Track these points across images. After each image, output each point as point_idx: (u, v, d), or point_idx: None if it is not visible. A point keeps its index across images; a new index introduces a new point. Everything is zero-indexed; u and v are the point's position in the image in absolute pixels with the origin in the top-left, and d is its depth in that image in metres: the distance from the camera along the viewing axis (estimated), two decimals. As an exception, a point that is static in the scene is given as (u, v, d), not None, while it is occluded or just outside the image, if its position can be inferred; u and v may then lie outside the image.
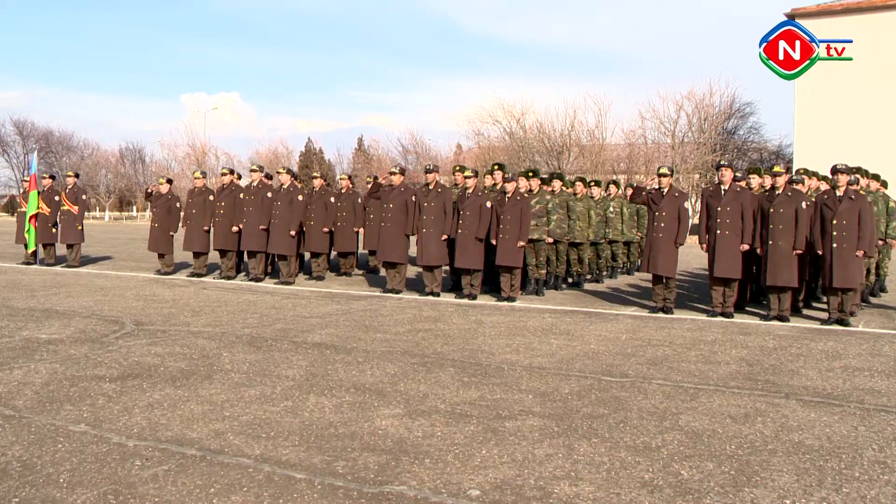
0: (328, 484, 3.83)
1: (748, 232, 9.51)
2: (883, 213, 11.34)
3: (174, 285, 12.28)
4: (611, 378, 6.17)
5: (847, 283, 9.06)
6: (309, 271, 14.01)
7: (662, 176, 9.94)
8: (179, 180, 45.26)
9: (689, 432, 4.75)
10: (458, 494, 3.73)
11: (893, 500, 3.75)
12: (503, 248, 10.52)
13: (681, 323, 9.18)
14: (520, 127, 44.96)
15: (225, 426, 4.73)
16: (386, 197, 11.54)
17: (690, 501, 3.68)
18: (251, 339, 7.61)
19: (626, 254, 14.91)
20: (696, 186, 37.85)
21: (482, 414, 5.09)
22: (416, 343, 7.54)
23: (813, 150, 28.08)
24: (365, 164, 53.34)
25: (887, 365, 6.87)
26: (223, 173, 13.89)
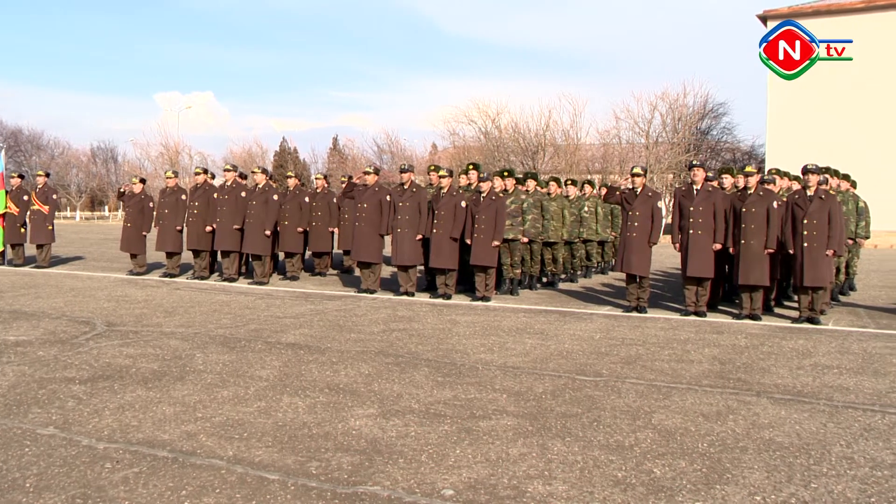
0: (301, 485, 3.81)
1: (720, 231, 9.59)
2: (852, 212, 11.50)
3: (147, 286, 12.17)
4: (585, 377, 6.19)
5: (817, 282, 9.17)
6: (283, 271, 13.94)
7: (636, 176, 10.00)
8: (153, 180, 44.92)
9: (662, 431, 4.78)
10: (432, 494, 3.73)
11: (859, 494, 3.80)
12: (478, 247, 10.54)
13: (654, 322, 9.24)
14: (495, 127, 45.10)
15: (197, 427, 4.69)
16: (360, 197, 11.51)
17: (663, 499, 3.71)
18: (224, 340, 7.56)
19: (601, 253, 14.98)
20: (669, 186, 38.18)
21: (456, 413, 5.09)
22: (391, 343, 7.53)
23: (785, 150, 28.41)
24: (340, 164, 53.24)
25: (855, 362, 6.96)
26: (196, 173, 13.79)
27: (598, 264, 15.09)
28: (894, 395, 5.77)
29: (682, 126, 41.91)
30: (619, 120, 42.78)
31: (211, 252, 13.25)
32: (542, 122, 43.33)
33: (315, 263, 14.45)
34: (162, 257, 14.27)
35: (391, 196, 11.30)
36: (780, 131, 31.01)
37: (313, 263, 14.53)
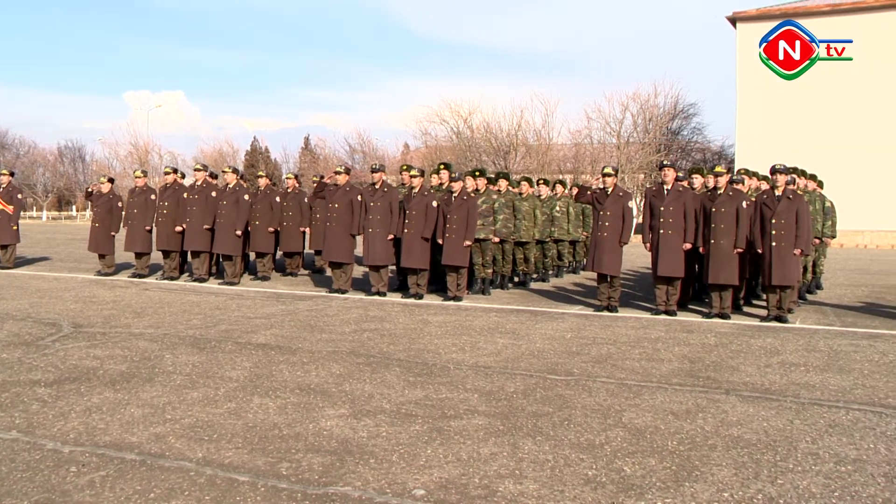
0: (272, 486, 3.78)
1: (690, 231, 9.68)
2: (819, 212, 11.65)
3: (115, 286, 12.02)
4: (556, 376, 6.22)
5: (785, 281, 9.28)
6: (254, 271, 13.85)
7: (607, 176, 10.05)
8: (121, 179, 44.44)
9: (632, 429, 4.81)
10: (403, 494, 3.72)
11: (823, 489, 3.86)
12: (449, 247, 10.54)
13: (625, 321, 9.30)
14: (467, 127, 45.16)
15: (166, 429, 4.64)
16: (331, 197, 11.46)
17: (633, 497, 3.73)
18: (194, 341, 7.49)
19: (572, 253, 15.06)
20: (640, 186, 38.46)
21: (427, 413, 5.08)
22: (362, 343, 7.51)
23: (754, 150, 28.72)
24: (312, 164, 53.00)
25: (821, 360, 7.06)
26: (166, 172, 13.66)
27: (570, 264, 15.17)
28: (858, 392, 5.86)
29: (652, 126, 42.24)
30: (591, 120, 43.09)
31: (181, 252, 13.12)
32: (514, 122, 43.51)
33: (286, 263, 14.37)
34: (131, 258, 14.11)
35: (362, 196, 11.26)
36: (749, 132, 31.34)
37: (284, 263, 14.45)
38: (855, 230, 28.32)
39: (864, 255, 24.11)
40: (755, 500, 3.71)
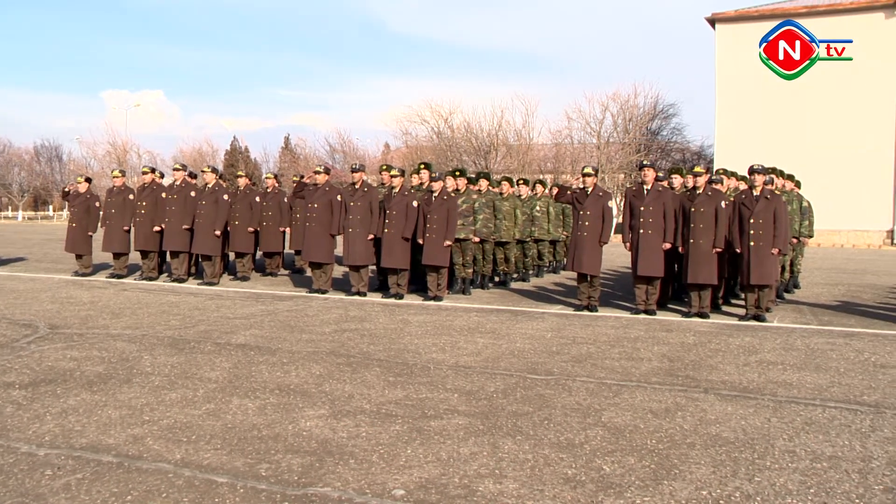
0: (251, 487, 3.76)
1: (670, 231, 9.72)
2: (797, 212, 11.75)
3: (92, 287, 11.92)
4: (536, 376, 6.23)
5: (763, 280, 9.35)
6: (234, 272, 13.78)
7: (587, 176, 10.08)
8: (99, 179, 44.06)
9: (612, 428, 4.83)
10: (383, 494, 3.71)
11: (800, 486, 3.89)
12: (430, 247, 10.53)
13: (605, 321, 9.34)
14: (447, 127, 45.16)
15: (144, 431, 4.60)
16: (311, 196, 11.42)
17: (612, 496, 3.74)
18: (173, 342, 7.44)
19: (552, 252, 15.09)
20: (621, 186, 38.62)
21: (407, 413, 5.08)
22: (342, 343, 7.49)
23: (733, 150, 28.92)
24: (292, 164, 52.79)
25: (799, 358, 7.12)
26: (144, 172, 13.57)
27: (550, 263, 15.20)
28: (834, 390, 5.92)
29: (632, 126, 42.45)
30: (571, 120, 43.22)
31: (159, 252, 13.03)
32: (494, 121, 43.56)
33: (266, 264, 14.31)
34: (108, 258, 13.99)
35: (342, 196, 11.23)
36: (728, 132, 31.56)
37: (264, 264, 14.39)
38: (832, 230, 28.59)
39: (841, 255, 24.36)
40: (733, 497, 3.74)
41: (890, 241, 29.36)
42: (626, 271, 14.71)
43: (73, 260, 13.83)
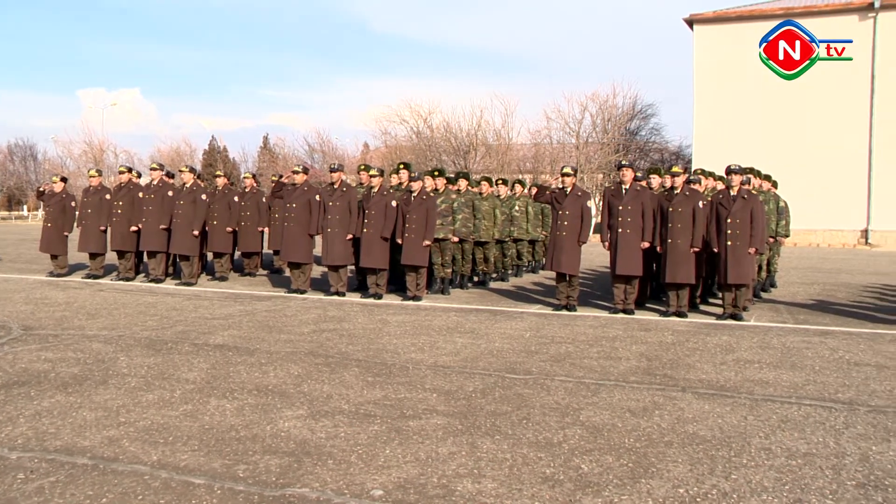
0: (228, 488, 3.74)
1: (648, 230, 9.77)
2: (773, 212, 11.85)
3: (68, 287, 11.80)
4: (514, 375, 6.24)
5: (740, 280, 9.43)
6: (212, 272, 13.69)
7: (566, 175, 10.11)
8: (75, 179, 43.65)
9: (590, 427, 4.85)
10: (361, 495, 3.71)
11: (775, 483, 3.93)
12: (409, 247, 10.52)
13: (583, 320, 9.37)
14: (427, 126, 45.12)
15: (120, 433, 4.56)
16: (289, 196, 11.38)
17: (590, 494, 3.76)
18: (150, 342, 7.38)
19: (531, 252, 15.12)
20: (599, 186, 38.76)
21: (386, 413, 5.07)
22: (321, 343, 7.46)
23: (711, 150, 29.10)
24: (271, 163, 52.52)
25: (775, 357, 7.18)
26: (121, 171, 13.48)
27: (529, 263, 15.23)
28: (810, 388, 5.98)
29: (611, 126, 42.63)
30: (550, 120, 43.31)
31: (136, 253, 12.93)
32: (473, 121, 43.57)
33: (244, 264, 14.23)
34: (84, 258, 13.86)
35: (321, 195, 11.20)
36: (705, 132, 31.77)
37: (242, 264, 14.31)
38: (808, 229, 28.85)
39: (817, 254, 24.59)
40: (710, 495, 3.77)
41: (864, 240, 29.70)
42: (604, 271, 14.77)
43: (48, 260, 13.68)
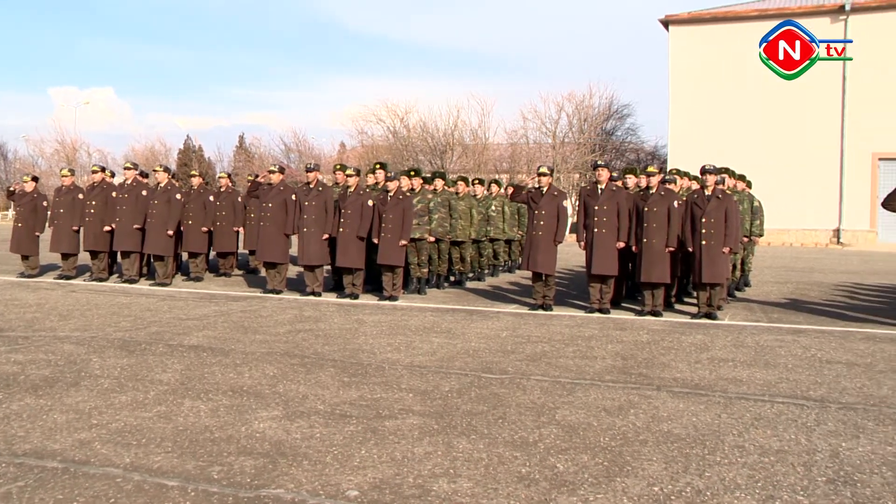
0: (202, 490, 3.71)
1: (624, 230, 9.82)
2: (747, 211, 11.96)
3: (39, 288, 11.65)
4: (490, 375, 6.24)
5: (715, 279, 9.50)
6: (186, 272, 13.59)
7: (542, 175, 10.14)
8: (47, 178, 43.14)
9: (566, 426, 4.86)
10: (336, 496, 3.69)
11: (748, 480, 3.96)
12: (385, 246, 10.50)
13: (559, 319, 9.40)
14: (403, 126, 45.08)
15: (92, 435, 4.51)
16: (265, 196, 11.32)
17: (565, 493, 3.77)
18: (123, 343, 7.30)
19: (508, 252, 15.16)
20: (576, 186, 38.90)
21: (362, 414, 5.05)
22: (297, 344, 7.43)
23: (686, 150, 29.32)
24: (246, 163, 52.22)
25: (749, 355, 7.24)
26: (94, 171, 13.34)
27: (505, 263, 15.26)
28: (783, 385, 6.03)
29: (587, 127, 42.83)
30: (527, 120, 43.42)
31: (110, 253, 12.81)
32: (450, 121, 43.59)
33: (220, 264, 14.14)
34: (56, 259, 13.70)
35: (297, 195, 11.15)
36: (681, 132, 32.01)
37: (218, 264, 14.22)
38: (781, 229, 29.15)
39: (790, 254, 24.85)
40: (684, 493, 3.79)
41: (836, 239, 30.07)
42: (580, 270, 14.83)
43: (19, 261, 13.50)
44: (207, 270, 13.93)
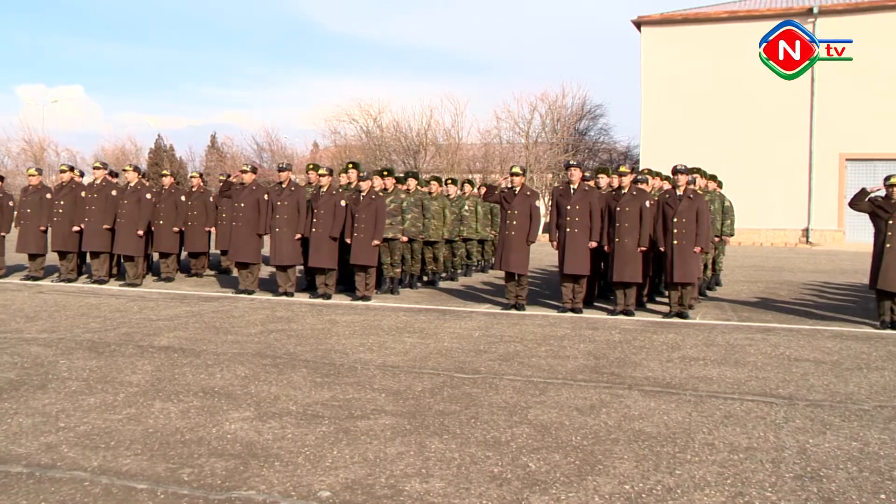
0: (172, 493, 3.68)
1: (596, 230, 9.87)
2: (718, 211, 12.05)
3: (5, 290, 11.47)
4: (463, 375, 6.25)
5: (686, 278, 9.57)
6: (157, 272, 13.46)
7: (515, 175, 10.17)
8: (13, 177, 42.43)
9: (538, 425, 4.88)
10: (308, 497, 3.68)
11: (717, 478, 4.01)
12: (358, 246, 10.47)
13: (532, 319, 9.43)
14: (377, 126, 44.93)
15: (59, 438, 4.45)
16: (237, 196, 11.24)
17: (537, 492, 3.78)
18: (92, 345, 7.22)
19: (481, 252, 15.17)
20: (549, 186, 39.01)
21: (334, 414, 5.04)
22: (269, 344, 7.38)
23: (658, 150, 29.52)
24: (218, 163, 51.72)
25: (719, 354, 7.31)
26: (62, 170, 13.16)
27: (479, 263, 15.27)
28: (752, 384, 6.10)
29: (560, 127, 42.94)
30: (500, 120, 43.42)
31: (79, 253, 12.65)
32: (423, 121, 43.48)
33: (191, 264, 14.02)
34: (23, 259, 13.50)
35: (269, 195, 11.09)
36: (653, 132, 32.21)
37: (189, 264, 14.09)
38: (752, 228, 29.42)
39: (761, 253, 25.10)
40: (654, 491, 3.82)
41: (805, 239, 30.42)
42: (553, 270, 14.88)
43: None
44: (179, 271, 13.80)
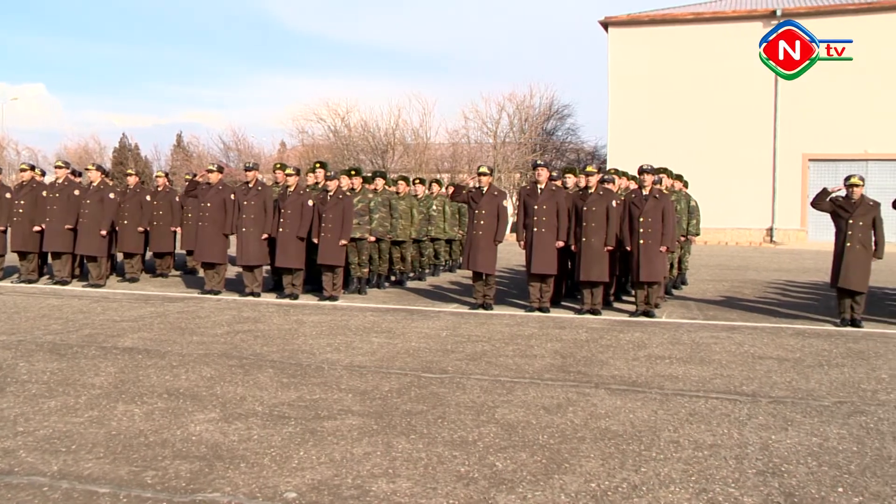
0: (135, 496, 3.63)
1: (563, 229, 9.91)
2: (684, 211, 12.16)
3: (-34, 290, 11.26)
4: (430, 374, 6.24)
5: (652, 277, 9.66)
6: (122, 273, 13.28)
7: (482, 175, 10.18)
8: (-26, 177, 41.64)
9: (505, 425, 4.89)
10: (274, 498, 3.65)
11: (682, 475, 4.05)
12: (325, 246, 10.42)
13: (500, 318, 9.45)
14: (344, 125, 44.73)
15: (17, 443, 4.37)
16: (203, 195, 11.13)
17: (504, 491, 3.79)
18: (53, 347, 7.10)
19: (449, 251, 15.18)
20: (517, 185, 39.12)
21: (301, 415, 5.01)
22: (235, 345, 7.32)
23: (624, 150, 29.73)
24: (184, 162, 51.19)
25: (685, 352, 7.39)
26: (23, 169, 12.94)
27: (446, 262, 15.28)
28: (717, 381, 6.17)
29: (528, 126, 43.09)
30: (468, 120, 43.46)
31: (40, 254, 12.44)
32: (391, 120, 43.38)
33: (156, 264, 13.85)
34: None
35: (236, 195, 10.99)
36: (620, 133, 32.46)
37: (154, 264, 13.93)
38: (717, 228, 29.74)
39: (726, 252, 25.39)
40: (620, 488, 3.84)
41: (769, 238, 30.85)
42: (520, 270, 14.92)
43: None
44: (144, 271, 13.64)
